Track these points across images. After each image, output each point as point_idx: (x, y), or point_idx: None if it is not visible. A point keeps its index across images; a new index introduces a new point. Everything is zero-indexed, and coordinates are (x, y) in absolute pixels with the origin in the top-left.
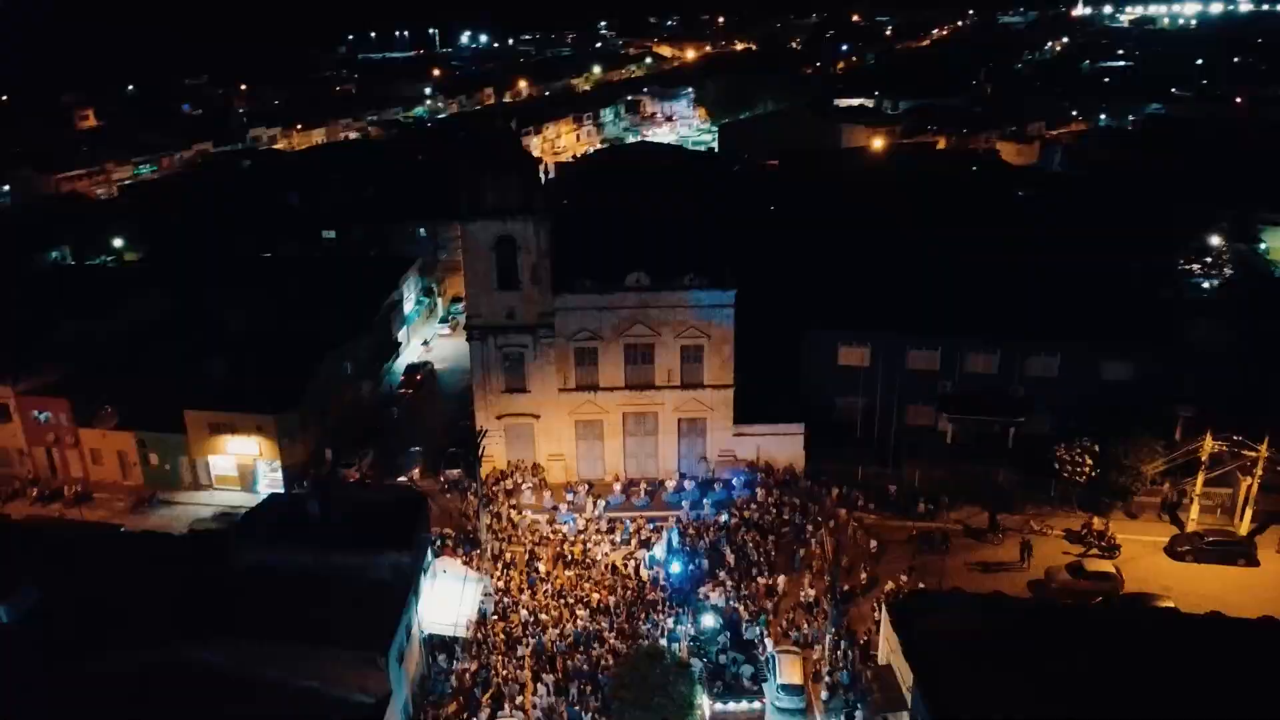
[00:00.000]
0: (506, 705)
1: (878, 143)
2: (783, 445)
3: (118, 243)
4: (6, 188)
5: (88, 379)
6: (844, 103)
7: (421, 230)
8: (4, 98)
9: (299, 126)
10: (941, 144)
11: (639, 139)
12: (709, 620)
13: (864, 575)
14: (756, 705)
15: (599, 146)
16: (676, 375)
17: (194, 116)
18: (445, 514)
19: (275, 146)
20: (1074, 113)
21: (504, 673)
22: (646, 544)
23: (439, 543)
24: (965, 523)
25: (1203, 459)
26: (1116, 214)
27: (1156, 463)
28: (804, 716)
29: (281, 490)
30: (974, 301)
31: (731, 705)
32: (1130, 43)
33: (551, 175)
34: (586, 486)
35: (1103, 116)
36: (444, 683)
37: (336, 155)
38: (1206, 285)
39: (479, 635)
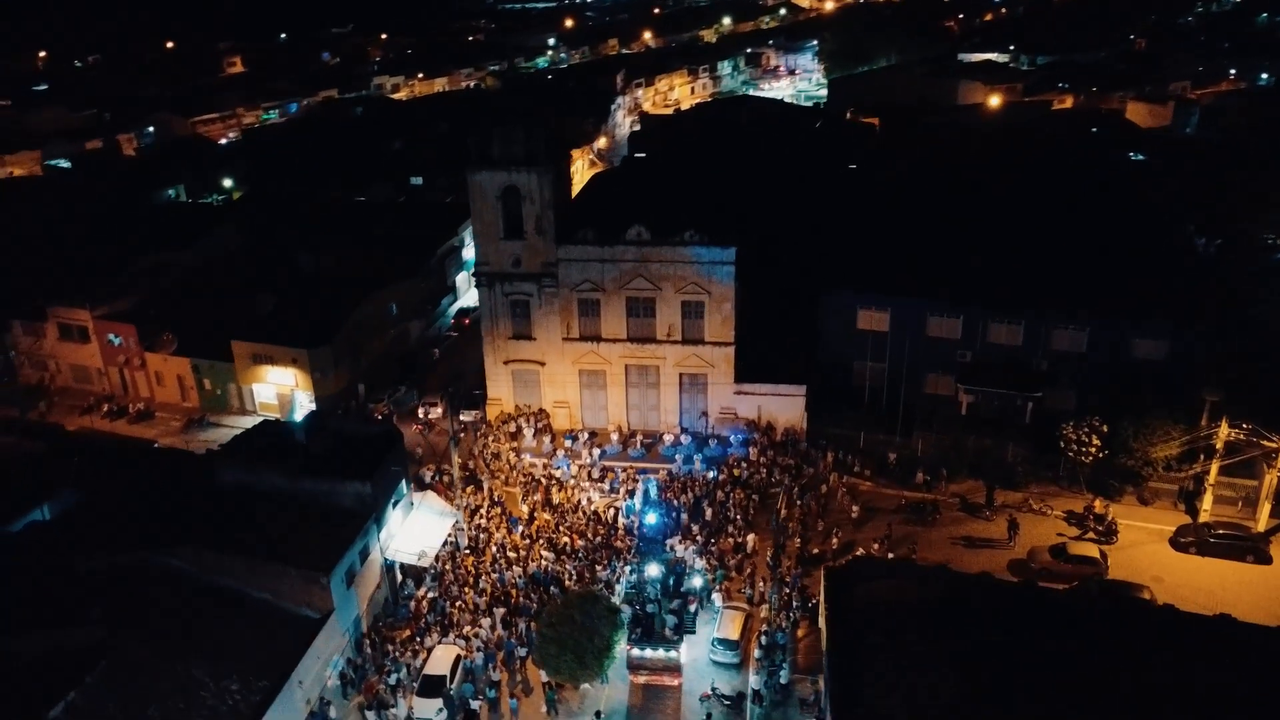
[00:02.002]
0: (452, 633)
1: (994, 101)
2: (784, 406)
3: (227, 183)
4: (151, 129)
5: (156, 307)
6: (974, 57)
7: None
8: (169, 44)
9: (420, 75)
10: (1068, 103)
11: (753, 93)
12: (653, 570)
13: (834, 541)
14: (672, 654)
15: (707, 99)
16: (677, 330)
17: (331, 65)
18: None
19: (397, 95)
20: (1231, 71)
21: (458, 604)
22: (633, 494)
23: (438, 478)
24: (963, 496)
25: (1218, 446)
26: (1232, 181)
27: (1168, 447)
28: (737, 671)
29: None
30: (1011, 270)
31: (648, 652)
32: None
33: (637, 128)
34: (587, 434)
35: (1264, 75)
36: (405, 607)
37: (446, 104)
38: None
39: (448, 567)
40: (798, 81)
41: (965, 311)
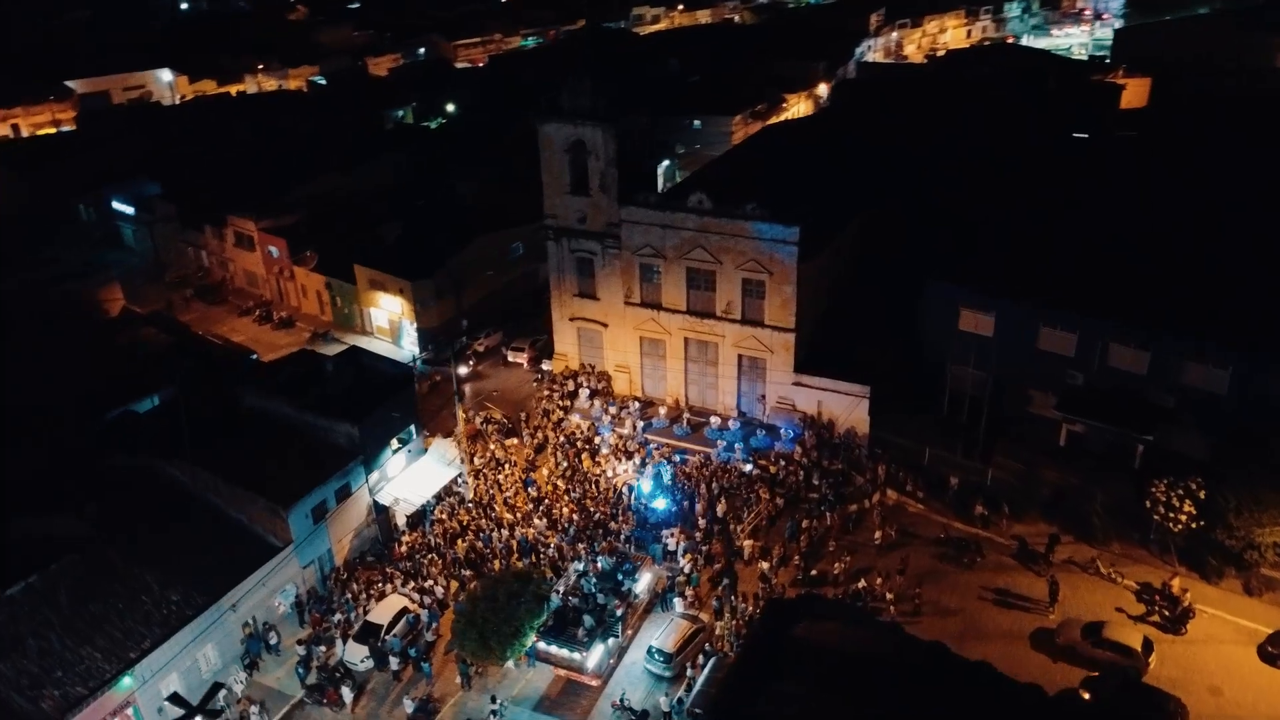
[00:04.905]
0: (410, 584)
1: None
2: (845, 405)
3: (450, 107)
4: (421, 51)
5: (312, 224)
6: None
7: (696, 122)
8: None
9: (681, 6)
10: None
11: (1034, 40)
12: (601, 563)
13: (839, 565)
14: (576, 656)
15: (977, 45)
16: (737, 308)
17: None
18: (525, 400)
19: (655, 26)
20: None
21: (431, 556)
22: (649, 474)
23: (486, 425)
24: (1024, 540)
25: None
26: None
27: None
28: (668, 684)
29: (416, 347)
30: (1169, 282)
31: (554, 648)
32: None
33: (851, 75)
34: (636, 404)
35: None
36: (390, 550)
37: (685, 39)
38: None
39: (444, 517)
40: (1098, 28)
41: (1081, 325)
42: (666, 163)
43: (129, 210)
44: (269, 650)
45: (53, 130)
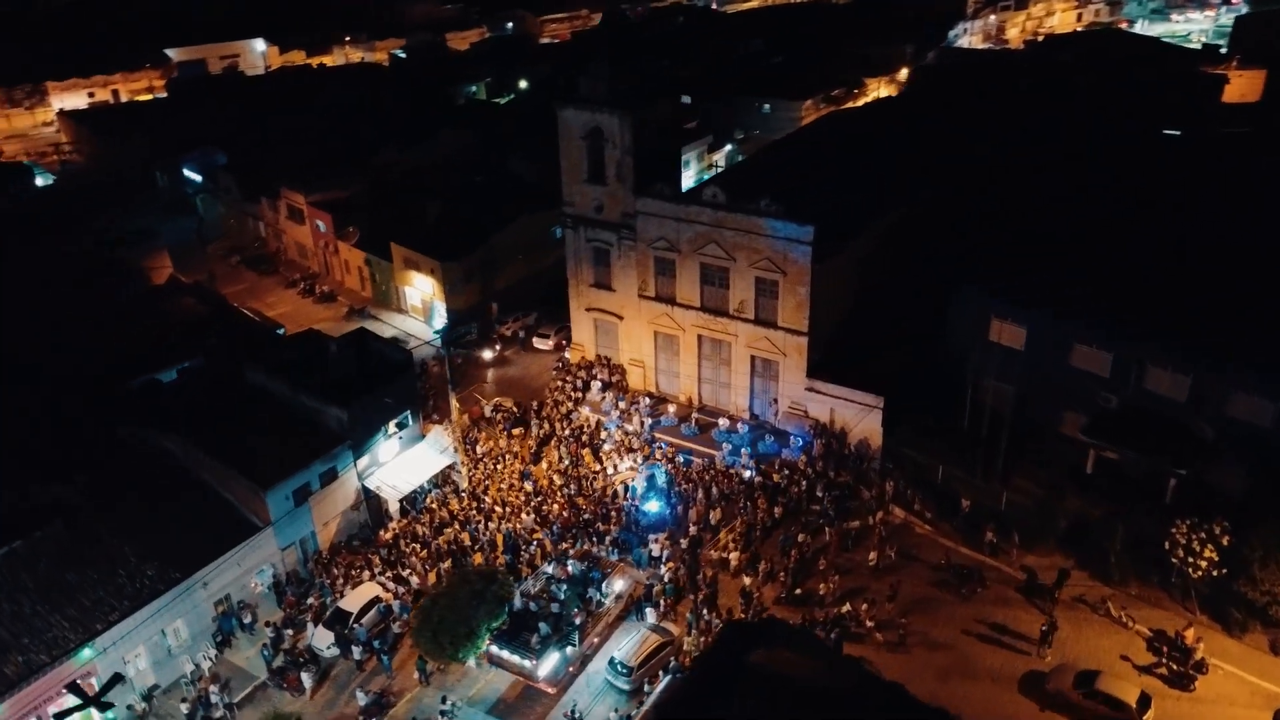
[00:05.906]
0: (389, 572)
1: None
2: (858, 415)
3: (523, 84)
4: (510, 25)
5: (365, 200)
6: None
7: (766, 106)
8: None
9: None
10: None
11: (1150, 26)
12: (569, 568)
13: (825, 586)
14: (527, 663)
15: (1087, 29)
16: (750, 308)
17: None
18: (541, 389)
19: (745, 5)
20: None
21: (413, 545)
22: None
23: (495, 413)
24: (1033, 572)
25: None
26: None
27: None
28: (627, 698)
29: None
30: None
31: (506, 653)
32: None
33: (931, 59)
34: (646, 400)
35: None
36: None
37: (775, 18)
38: None
39: (435, 506)
40: (1224, 14)
41: (1117, 344)
42: (728, 147)
43: (197, 179)
44: (243, 629)
45: (148, 97)
